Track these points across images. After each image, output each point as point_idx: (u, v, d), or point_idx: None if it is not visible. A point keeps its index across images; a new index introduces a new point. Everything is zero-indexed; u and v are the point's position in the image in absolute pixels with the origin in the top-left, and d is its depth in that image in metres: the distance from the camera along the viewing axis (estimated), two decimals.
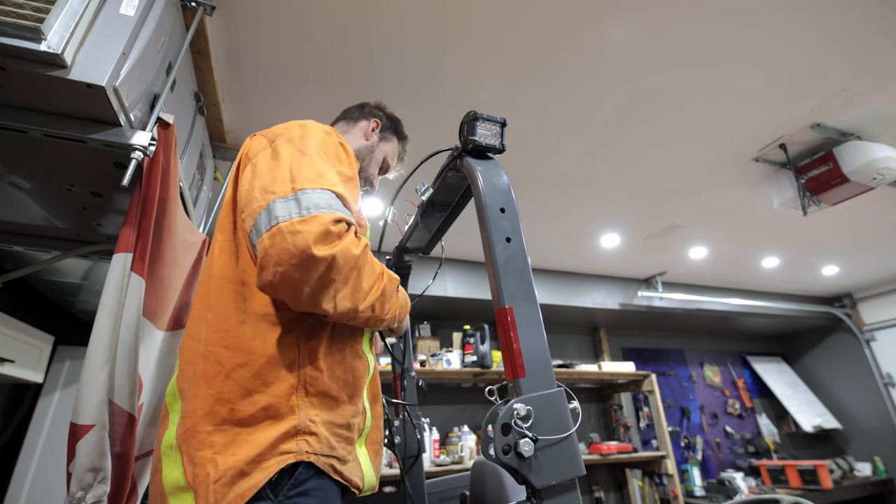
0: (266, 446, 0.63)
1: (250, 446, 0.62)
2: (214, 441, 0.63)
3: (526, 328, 0.64)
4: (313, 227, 0.63)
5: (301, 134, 0.79)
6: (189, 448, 0.63)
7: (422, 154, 0.98)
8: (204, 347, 0.69)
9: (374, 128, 1.14)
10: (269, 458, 0.62)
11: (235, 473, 0.60)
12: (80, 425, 0.79)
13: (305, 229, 0.62)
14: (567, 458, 0.58)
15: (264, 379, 0.67)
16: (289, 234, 0.62)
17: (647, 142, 2.06)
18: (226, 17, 1.37)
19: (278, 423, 0.65)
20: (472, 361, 2.95)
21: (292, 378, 0.68)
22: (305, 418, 0.66)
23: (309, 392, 0.69)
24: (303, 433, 0.65)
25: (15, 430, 1.76)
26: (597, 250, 3.21)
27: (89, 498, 0.78)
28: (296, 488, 0.63)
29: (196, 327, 0.73)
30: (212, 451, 0.62)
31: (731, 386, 4.48)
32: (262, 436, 0.63)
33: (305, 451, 0.64)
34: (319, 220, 0.64)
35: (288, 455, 0.63)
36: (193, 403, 0.66)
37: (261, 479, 0.61)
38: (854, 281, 4.11)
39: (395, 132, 1.19)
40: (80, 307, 1.97)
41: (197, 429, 0.64)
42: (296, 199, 0.66)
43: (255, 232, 0.67)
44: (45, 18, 0.73)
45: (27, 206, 1.14)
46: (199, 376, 0.67)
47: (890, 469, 3.93)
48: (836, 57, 1.64)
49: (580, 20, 1.45)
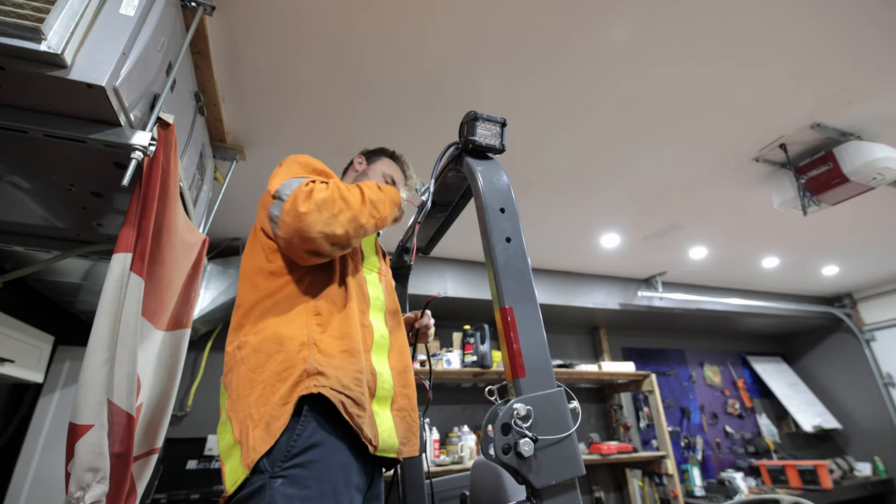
0: (286, 391, 0.77)
1: (275, 395, 0.77)
2: (251, 400, 0.78)
3: (526, 328, 0.64)
4: (290, 203, 0.85)
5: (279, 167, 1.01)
6: (236, 413, 0.78)
7: (423, 153, 0.98)
8: (237, 339, 0.88)
9: (360, 161, 1.28)
10: (289, 401, 0.76)
11: (268, 418, 0.74)
12: (79, 425, 0.79)
13: (287, 206, 0.86)
14: (567, 458, 0.58)
15: (281, 342, 0.83)
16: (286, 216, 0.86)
17: (647, 141, 2.06)
18: (226, 17, 1.37)
19: (293, 373, 0.79)
20: (472, 361, 2.95)
21: (302, 337, 0.84)
22: (314, 363, 0.80)
23: (319, 347, 0.83)
24: (312, 374, 0.78)
25: (15, 430, 1.76)
26: (597, 250, 3.21)
27: (88, 498, 0.78)
28: (292, 458, 0.73)
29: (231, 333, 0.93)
30: (249, 408, 0.77)
31: (731, 386, 4.48)
32: (283, 385, 0.77)
33: (314, 385, 0.77)
34: (291, 197, 0.86)
35: (301, 390, 0.76)
36: (235, 381, 0.82)
37: (286, 419, 0.74)
38: (854, 281, 4.11)
39: (379, 154, 1.31)
40: (79, 307, 1.97)
41: (240, 395, 0.79)
42: (277, 198, 0.89)
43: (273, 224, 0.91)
44: (45, 18, 0.73)
45: (27, 206, 1.14)
46: (238, 362, 0.84)
47: (890, 469, 3.93)
48: (836, 57, 1.63)
49: (580, 20, 1.45)
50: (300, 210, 0.84)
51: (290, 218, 0.84)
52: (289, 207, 0.85)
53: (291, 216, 0.84)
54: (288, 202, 0.86)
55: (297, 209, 0.84)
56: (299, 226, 0.83)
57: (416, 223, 1.10)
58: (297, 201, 0.85)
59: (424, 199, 1.00)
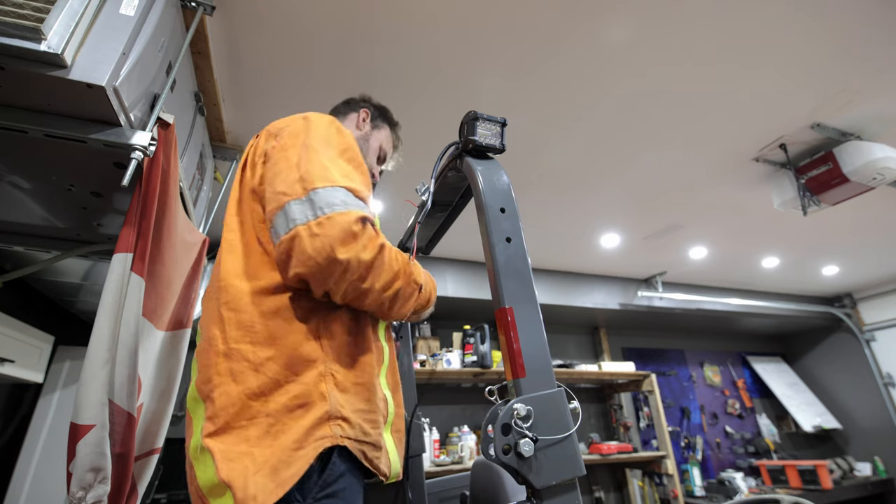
0: (302, 433, 0.63)
1: (286, 436, 0.63)
2: (249, 435, 0.63)
3: (526, 328, 0.64)
4: (331, 230, 0.65)
5: (305, 127, 0.80)
6: (223, 445, 0.63)
7: (423, 153, 0.98)
8: (225, 346, 0.69)
9: (365, 117, 1.15)
10: (305, 446, 0.63)
11: (275, 463, 0.61)
12: (80, 425, 0.79)
13: (323, 232, 0.65)
14: (567, 458, 0.58)
15: (294, 369, 0.67)
16: (307, 239, 0.65)
17: (647, 141, 2.06)
18: (226, 17, 1.37)
19: (310, 410, 0.65)
20: (472, 361, 2.95)
21: (319, 366, 0.69)
22: (336, 403, 0.67)
23: (336, 379, 0.70)
24: (335, 417, 0.66)
25: (15, 430, 1.76)
26: (597, 250, 3.21)
27: (89, 498, 0.78)
28: (324, 489, 0.63)
29: (213, 328, 0.72)
30: (248, 445, 0.62)
31: (731, 386, 4.48)
32: (296, 424, 0.64)
33: (340, 436, 0.65)
34: (336, 221, 0.66)
35: (323, 440, 0.64)
36: (223, 401, 0.65)
37: (301, 467, 0.61)
38: (854, 281, 4.11)
39: (385, 119, 1.19)
40: (80, 307, 1.97)
41: (231, 425, 0.64)
42: (309, 199, 0.68)
43: (274, 234, 0.71)
44: (45, 18, 0.73)
45: (27, 206, 1.14)
46: (225, 374, 0.67)
47: (890, 469, 3.93)
48: (836, 57, 1.63)
49: (580, 19, 1.45)
50: (364, 259, 0.67)
51: (324, 257, 0.65)
52: (328, 243, 0.65)
53: (325, 255, 0.65)
54: (327, 228, 0.65)
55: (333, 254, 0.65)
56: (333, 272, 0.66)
57: (417, 223, 1.10)
58: (347, 239, 0.66)
59: (424, 199, 1.00)
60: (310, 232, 0.65)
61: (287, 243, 0.67)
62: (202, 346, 0.73)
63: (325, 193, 0.68)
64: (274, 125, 0.86)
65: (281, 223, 0.69)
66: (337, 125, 0.84)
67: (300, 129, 0.80)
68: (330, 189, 0.69)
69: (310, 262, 0.65)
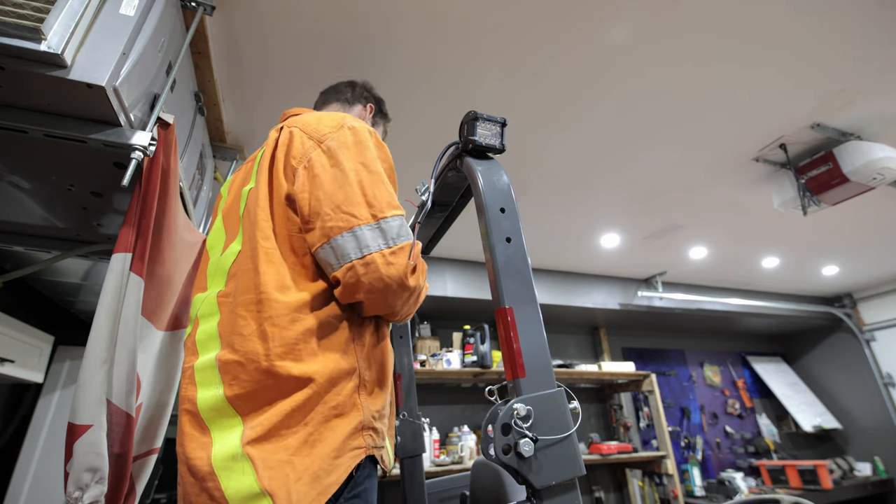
0: (340, 443, 0.66)
1: (323, 445, 0.65)
2: (289, 444, 0.64)
3: (526, 328, 0.64)
4: (403, 260, 0.72)
5: (356, 141, 0.81)
6: (263, 453, 0.62)
7: (423, 153, 0.98)
8: (268, 363, 0.67)
9: (370, 113, 1.15)
10: (342, 454, 0.65)
11: (315, 471, 0.63)
12: (77, 425, 0.79)
13: (398, 262, 0.72)
14: (567, 458, 0.58)
15: (334, 382, 0.69)
16: (383, 266, 0.71)
17: (647, 141, 2.06)
18: (226, 17, 1.37)
19: (345, 420, 0.68)
20: (472, 361, 2.95)
21: (355, 378, 0.72)
22: (368, 414, 0.71)
23: (367, 387, 0.73)
24: (367, 428, 0.70)
25: (15, 430, 1.76)
26: (597, 250, 3.21)
27: (86, 498, 0.78)
28: (353, 491, 0.67)
29: (253, 343, 0.69)
30: (287, 454, 0.63)
31: (731, 386, 4.48)
32: (332, 434, 0.66)
33: (371, 446, 0.69)
34: (405, 251, 0.73)
35: (359, 450, 0.67)
36: (268, 414, 0.65)
37: (340, 476, 0.64)
38: (854, 281, 4.11)
39: (381, 115, 1.21)
40: (79, 307, 1.97)
41: (273, 433, 0.64)
42: (380, 227, 0.73)
43: (333, 252, 0.73)
44: (45, 18, 0.73)
45: (27, 206, 1.14)
46: (271, 390, 0.66)
47: (890, 469, 3.93)
48: (836, 57, 1.63)
49: (580, 20, 1.45)
50: (423, 285, 0.78)
51: (398, 284, 0.72)
52: (402, 271, 0.72)
53: (398, 282, 0.72)
54: (400, 257, 0.72)
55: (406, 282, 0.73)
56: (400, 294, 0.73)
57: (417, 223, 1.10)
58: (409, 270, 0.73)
59: (424, 199, 1.00)
60: (385, 261, 0.71)
61: (361, 268, 0.71)
62: (231, 358, 0.69)
63: (393, 222, 0.75)
64: (307, 124, 0.83)
65: (351, 246, 0.72)
66: (377, 137, 0.86)
67: (349, 141, 0.80)
68: (394, 218, 0.75)
69: (386, 288, 0.71)
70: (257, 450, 0.63)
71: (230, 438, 0.64)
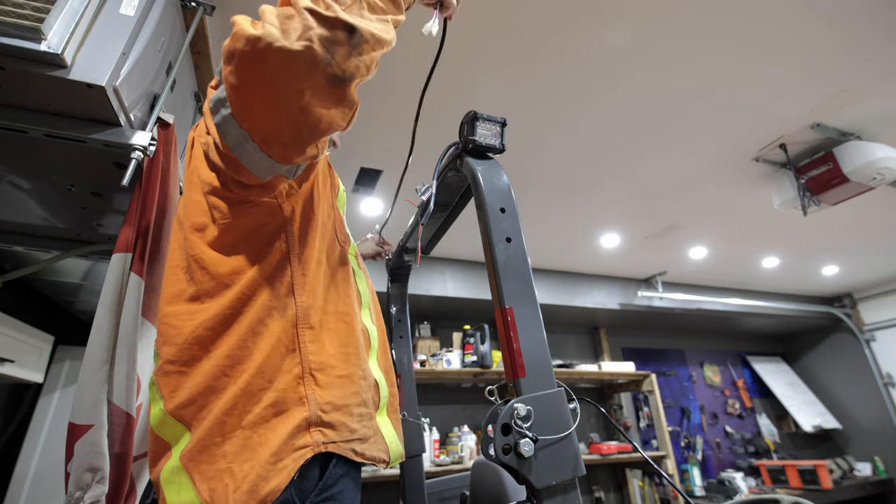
0: (279, 445, 0.60)
1: (263, 448, 0.59)
2: (226, 451, 0.60)
3: (526, 328, 0.64)
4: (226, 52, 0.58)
5: None
6: (200, 465, 0.59)
7: (422, 153, 0.98)
8: (209, 367, 0.63)
9: None
10: (284, 457, 0.59)
11: (254, 478, 0.58)
12: (78, 425, 0.79)
13: None
14: (567, 458, 0.58)
15: (266, 375, 0.63)
16: None
17: (647, 141, 2.06)
18: (226, 17, 1.37)
19: (287, 418, 0.61)
20: (472, 361, 2.95)
21: (296, 368, 0.64)
22: (316, 408, 0.63)
23: (317, 378, 0.65)
24: (315, 424, 0.62)
25: (15, 430, 1.76)
26: (597, 250, 3.21)
27: (87, 498, 0.78)
28: (322, 493, 0.61)
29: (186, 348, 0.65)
30: (225, 462, 0.59)
31: (731, 386, 4.48)
32: (273, 435, 0.60)
33: (322, 443, 0.62)
34: None
35: (304, 450, 0.61)
36: (205, 422, 0.61)
37: (281, 481, 0.58)
38: (854, 281, 4.11)
39: None
40: (79, 307, 1.97)
41: (206, 443, 0.60)
42: None
43: None
44: (45, 18, 0.73)
45: (27, 206, 1.14)
46: (207, 394, 0.63)
47: (890, 469, 3.93)
48: (836, 57, 1.63)
49: (580, 20, 1.45)
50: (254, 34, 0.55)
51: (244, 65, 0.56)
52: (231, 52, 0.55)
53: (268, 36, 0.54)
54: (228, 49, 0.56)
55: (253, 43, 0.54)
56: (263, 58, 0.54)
57: (420, 224, 1.10)
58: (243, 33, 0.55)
59: (425, 199, 1.00)
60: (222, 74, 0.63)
61: None
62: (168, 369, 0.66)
63: None
64: None
65: None
66: None
67: None
68: None
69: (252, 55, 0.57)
70: (194, 462, 0.59)
71: (179, 450, 0.62)
